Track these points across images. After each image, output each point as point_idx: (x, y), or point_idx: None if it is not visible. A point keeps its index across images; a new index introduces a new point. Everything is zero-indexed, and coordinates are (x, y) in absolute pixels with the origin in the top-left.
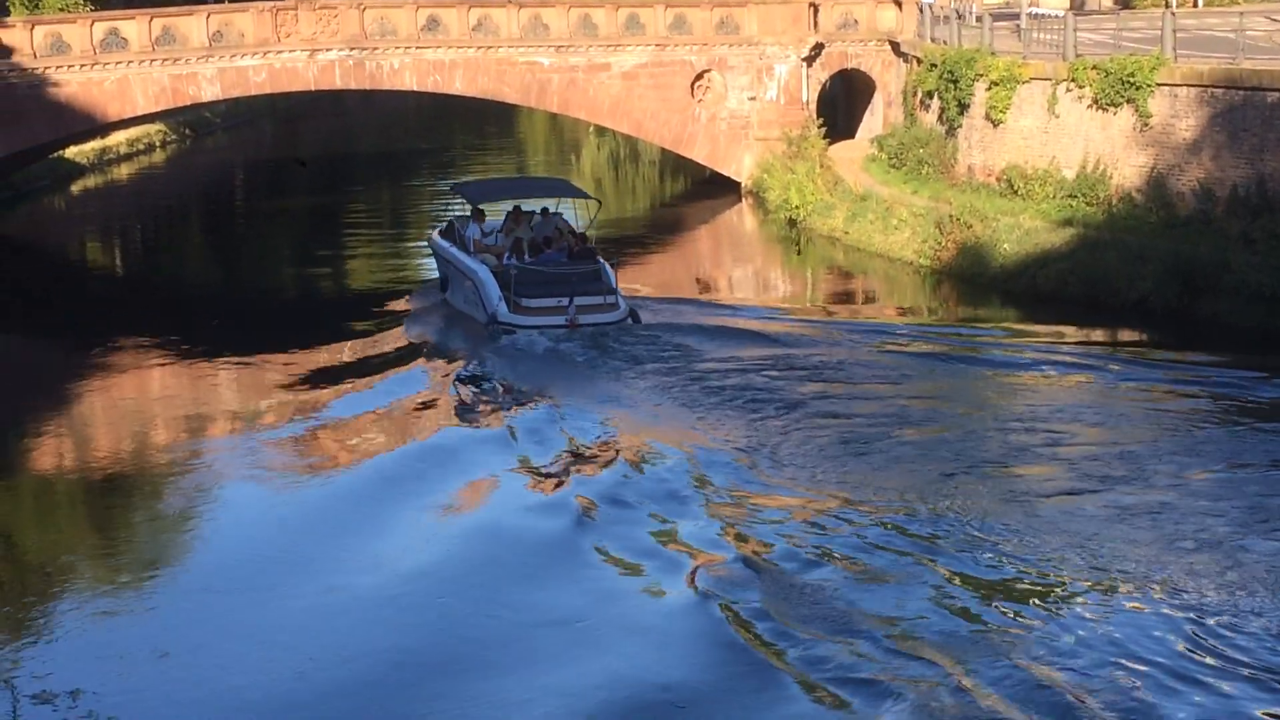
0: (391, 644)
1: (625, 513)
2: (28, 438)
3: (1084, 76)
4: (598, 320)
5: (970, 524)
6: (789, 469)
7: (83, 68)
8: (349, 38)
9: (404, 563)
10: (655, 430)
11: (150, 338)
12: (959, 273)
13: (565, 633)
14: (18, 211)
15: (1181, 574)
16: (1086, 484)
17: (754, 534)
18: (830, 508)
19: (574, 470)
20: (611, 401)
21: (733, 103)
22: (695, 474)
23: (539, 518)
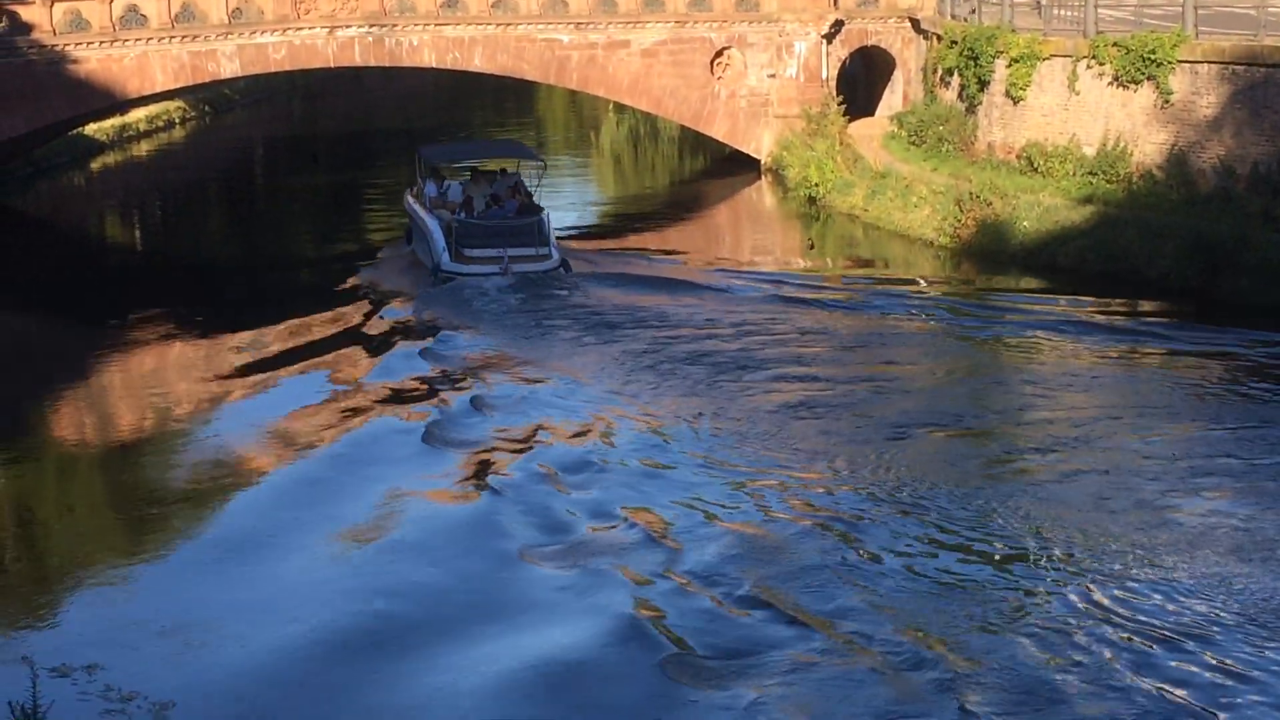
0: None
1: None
2: (42, 411)
3: (1105, 53)
4: (529, 269)
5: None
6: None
7: (102, 44)
8: (368, 14)
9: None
10: (566, 375)
11: (167, 312)
12: (979, 250)
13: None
14: (38, 188)
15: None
16: (1099, 454)
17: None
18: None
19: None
20: (519, 344)
21: (752, 80)
22: (603, 437)
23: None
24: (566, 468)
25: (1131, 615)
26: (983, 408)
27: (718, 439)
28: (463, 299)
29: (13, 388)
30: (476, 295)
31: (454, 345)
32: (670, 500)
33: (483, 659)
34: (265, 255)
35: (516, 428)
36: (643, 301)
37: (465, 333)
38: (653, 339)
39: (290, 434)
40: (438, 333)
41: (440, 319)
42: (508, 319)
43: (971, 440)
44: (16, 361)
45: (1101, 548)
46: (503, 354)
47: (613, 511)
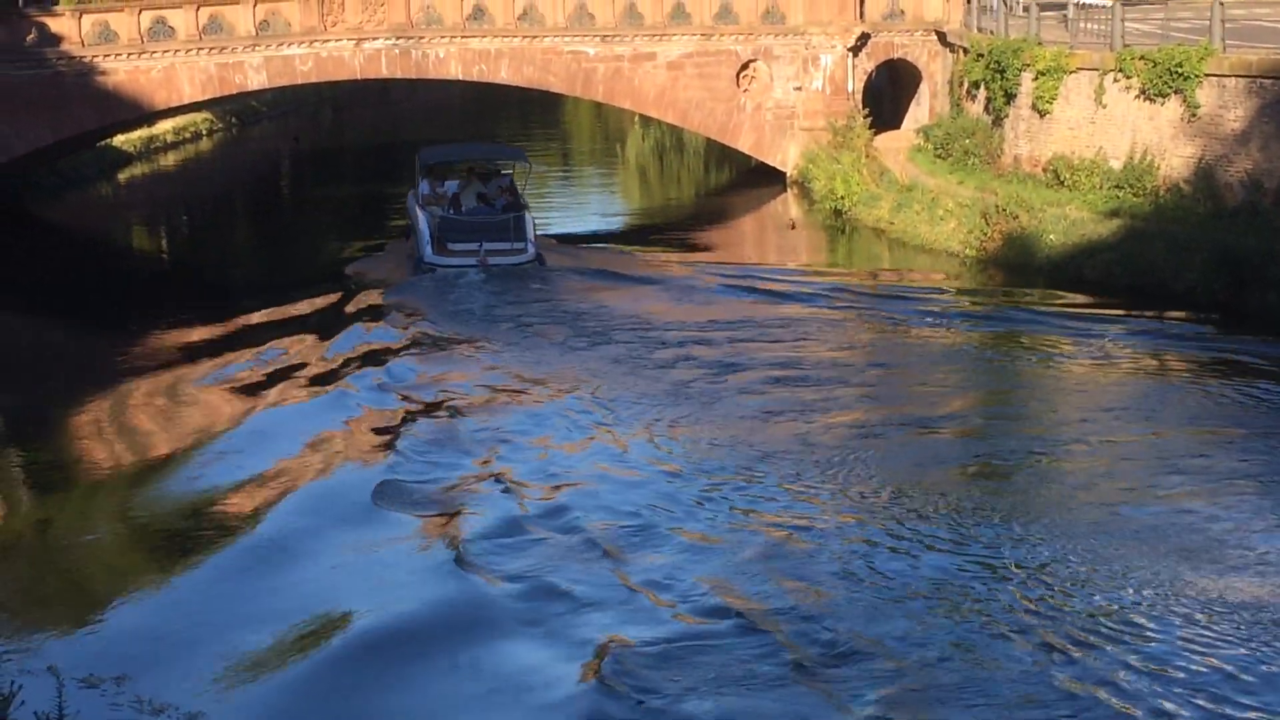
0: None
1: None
2: (64, 421)
3: (1131, 67)
4: (504, 262)
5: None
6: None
7: (130, 56)
8: (395, 27)
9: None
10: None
11: (188, 322)
12: (1005, 263)
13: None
14: (65, 199)
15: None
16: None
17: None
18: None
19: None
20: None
21: (778, 92)
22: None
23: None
24: (530, 482)
25: (1153, 632)
26: (999, 414)
27: (689, 451)
28: (439, 290)
29: (36, 396)
30: (452, 287)
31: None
32: (624, 507)
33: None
34: (289, 266)
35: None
36: (622, 300)
37: (417, 329)
38: (626, 339)
39: (290, 451)
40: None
41: (410, 309)
42: (472, 310)
43: (979, 445)
44: (40, 369)
45: (1122, 558)
46: (467, 347)
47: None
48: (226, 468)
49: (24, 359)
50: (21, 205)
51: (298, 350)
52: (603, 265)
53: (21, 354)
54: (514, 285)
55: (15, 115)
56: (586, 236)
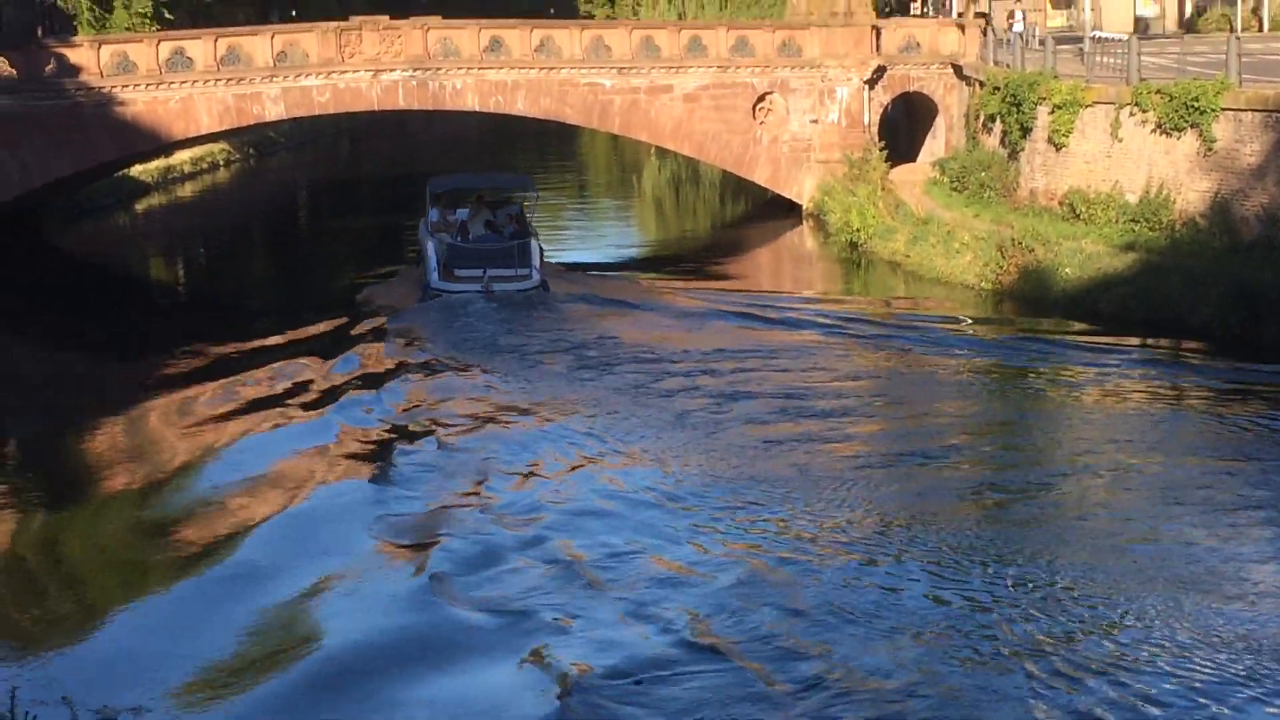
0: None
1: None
2: (75, 448)
3: (1147, 100)
4: (508, 288)
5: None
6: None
7: (148, 87)
8: (412, 58)
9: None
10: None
11: (201, 352)
12: (1021, 296)
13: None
14: (83, 229)
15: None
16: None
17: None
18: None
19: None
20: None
21: (794, 125)
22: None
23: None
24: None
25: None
26: (1008, 445)
27: (684, 480)
28: (442, 316)
29: (50, 421)
30: (455, 313)
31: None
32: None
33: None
34: (304, 294)
35: (471, 466)
36: (628, 328)
37: (421, 354)
38: (629, 367)
39: (288, 473)
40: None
41: (411, 334)
42: (473, 335)
43: (987, 476)
44: (55, 395)
45: (1137, 587)
46: (469, 374)
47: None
48: (216, 490)
49: (39, 385)
50: (40, 234)
51: (296, 374)
52: (611, 293)
53: (37, 380)
54: (517, 311)
55: (35, 145)
56: (601, 266)
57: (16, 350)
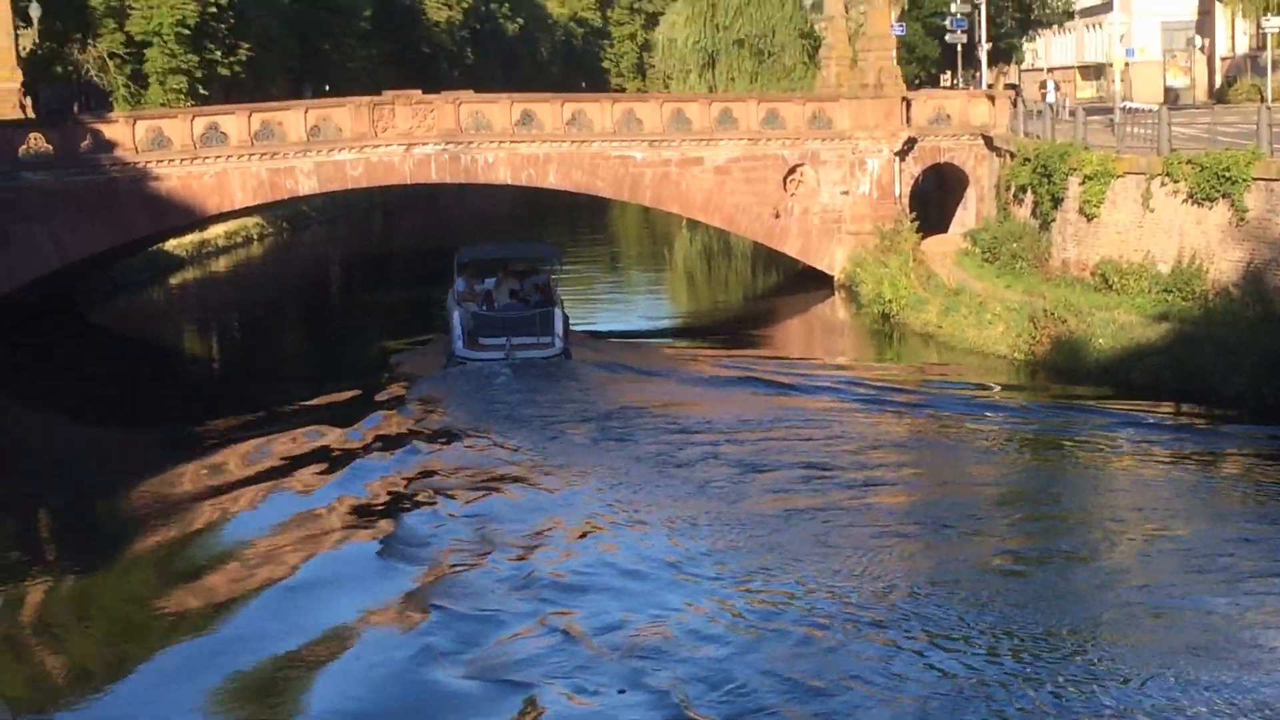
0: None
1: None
2: (109, 517)
3: (1179, 171)
4: (531, 355)
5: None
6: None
7: (183, 162)
8: (444, 132)
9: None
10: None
11: (234, 423)
12: (1054, 367)
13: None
14: (117, 303)
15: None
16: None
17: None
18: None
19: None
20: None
21: (825, 197)
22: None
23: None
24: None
25: None
26: (1035, 514)
27: (697, 552)
28: (464, 383)
29: (82, 491)
30: (475, 380)
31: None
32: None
33: None
34: (335, 368)
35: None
36: (651, 396)
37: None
38: (649, 436)
39: (293, 540)
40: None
41: (431, 400)
42: (492, 402)
43: (1014, 544)
44: (86, 471)
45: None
46: (488, 443)
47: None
48: (224, 556)
49: (73, 456)
50: (76, 310)
51: (315, 441)
52: (635, 362)
53: (71, 452)
54: (539, 379)
55: (70, 220)
56: (631, 336)
57: (53, 423)
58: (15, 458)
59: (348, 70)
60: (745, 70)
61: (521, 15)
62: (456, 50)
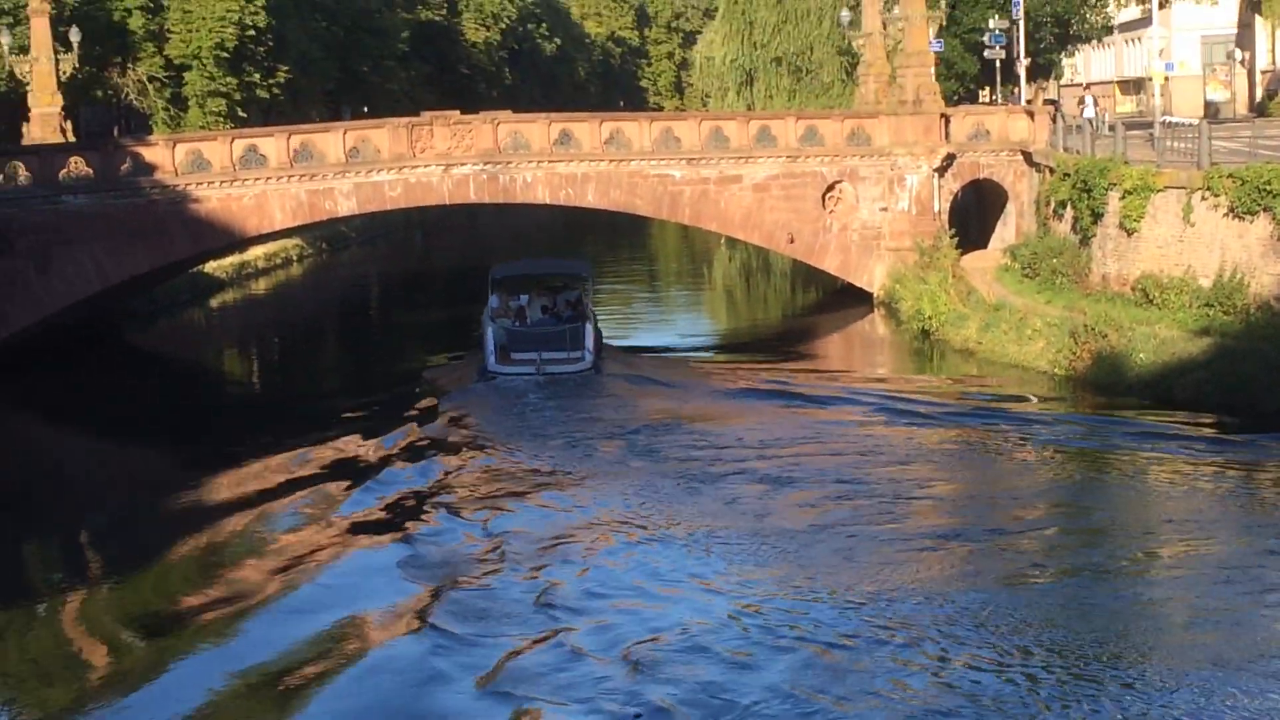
0: None
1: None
2: (147, 537)
3: (1219, 185)
4: (561, 370)
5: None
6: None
7: (222, 184)
8: (483, 152)
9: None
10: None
11: (274, 442)
12: (1094, 383)
13: None
14: (159, 325)
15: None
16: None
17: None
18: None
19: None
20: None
21: (864, 213)
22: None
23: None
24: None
25: None
26: (1074, 528)
27: (711, 562)
28: (493, 397)
29: (118, 511)
30: (504, 394)
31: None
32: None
33: None
34: (372, 385)
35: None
36: (680, 411)
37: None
38: (676, 450)
39: (307, 549)
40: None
41: (459, 413)
42: (525, 416)
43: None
44: (126, 488)
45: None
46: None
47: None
48: (246, 565)
49: (113, 477)
50: (117, 332)
51: (340, 453)
52: (667, 376)
53: (111, 473)
54: (568, 393)
55: (112, 243)
56: (668, 351)
57: (94, 443)
58: (58, 476)
59: (386, 91)
60: (783, 88)
61: (559, 35)
62: (494, 71)
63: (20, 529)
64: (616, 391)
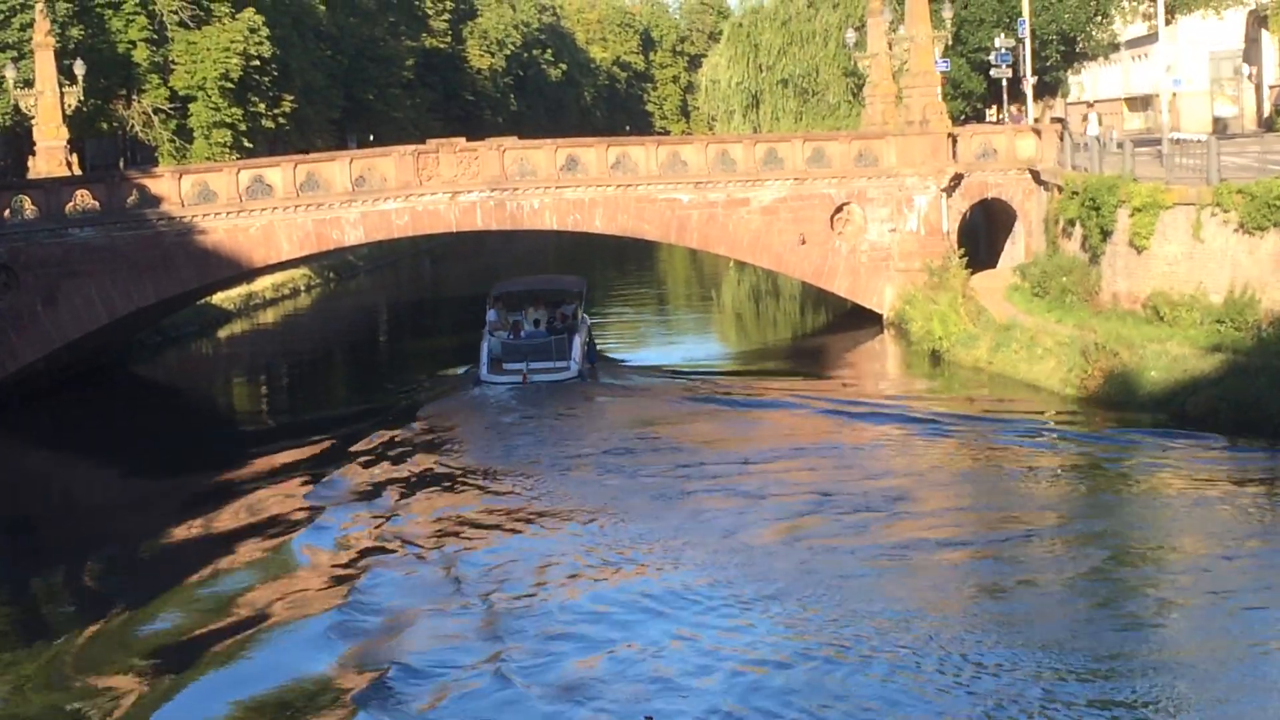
0: None
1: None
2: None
3: (1229, 201)
4: (546, 379)
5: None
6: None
7: (229, 214)
8: (490, 179)
9: None
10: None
11: (279, 468)
12: (1106, 400)
13: None
14: (166, 357)
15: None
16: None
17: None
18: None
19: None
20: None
21: (873, 234)
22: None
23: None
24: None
25: None
26: (1091, 537)
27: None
28: (479, 405)
29: (126, 542)
30: (490, 403)
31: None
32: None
33: None
34: (377, 409)
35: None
36: (668, 425)
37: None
38: (659, 463)
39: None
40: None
41: (440, 421)
42: (501, 422)
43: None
44: (133, 519)
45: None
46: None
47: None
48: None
49: (120, 509)
50: (124, 364)
51: (344, 478)
52: (660, 389)
53: (118, 505)
54: (554, 400)
55: (118, 275)
56: (673, 373)
57: (101, 475)
58: (64, 509)
59: (392, 120)
60: (789, 110)
61: (564, 61)
62: (500, 97)
63: (27, 560)
64: (595, 397)
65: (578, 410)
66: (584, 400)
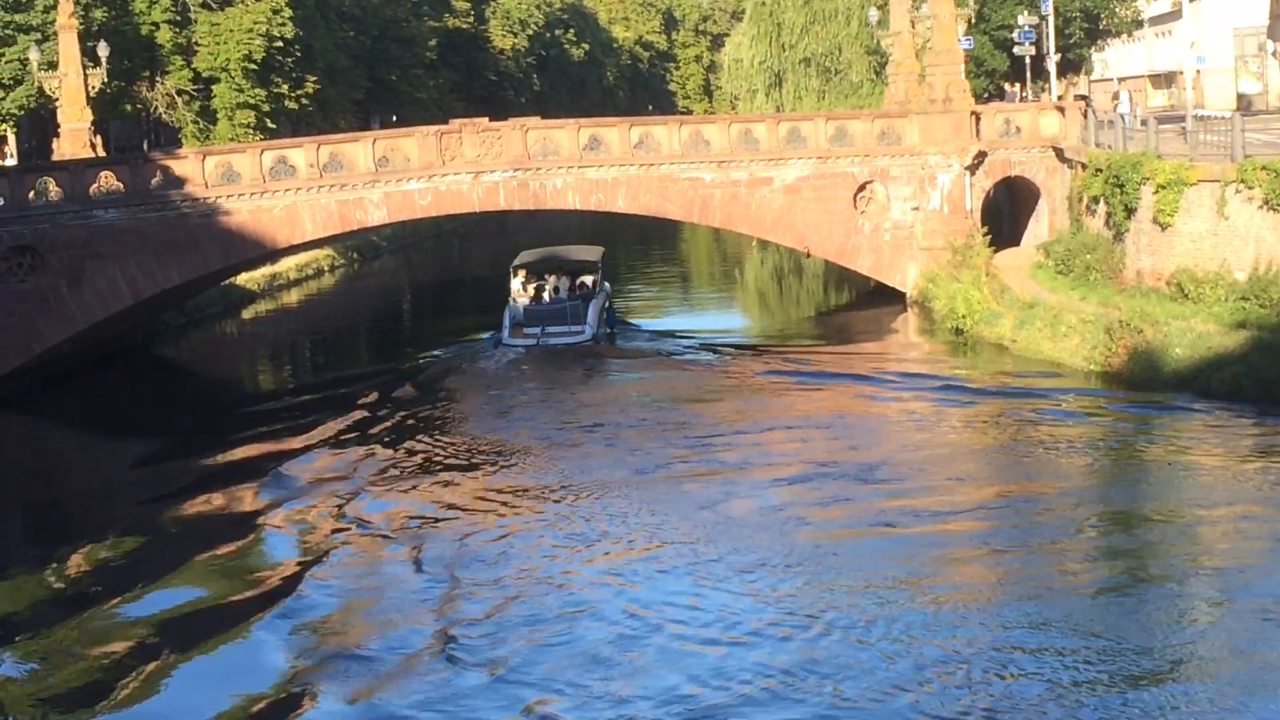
0: None
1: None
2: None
3: (1253, 177)
4: (560, 341)
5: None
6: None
7: (252, 196)
8: (512, 159)
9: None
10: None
11: (301, 446)
12: (1130, 378)
13: None
14: (191, 338)
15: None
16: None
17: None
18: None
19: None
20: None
21: (896, 213)
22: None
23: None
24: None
25: None
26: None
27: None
28: (494, 365)
29: (145, 527)
30: (506, 364)
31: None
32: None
33: None
34: (408, 385)
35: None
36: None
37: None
38: (661, 426)
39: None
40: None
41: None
42: (513, 383)
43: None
44: (156, 499)
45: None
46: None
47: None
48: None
49: (142, 489)
50: (149, 346)
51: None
52: (673, 357)
53: (140, 485)
54: (568, 364)
55: (142, 257)
56: (686, 337)
57: (124, 456)
58: (88, 491)
59: (415, 100)
60: (812, 88)
61: (587, 40)
62: (523, 77)
63: (50, 538)
64: (607, 355)
65: (591, 371)
66: (595, 359)
